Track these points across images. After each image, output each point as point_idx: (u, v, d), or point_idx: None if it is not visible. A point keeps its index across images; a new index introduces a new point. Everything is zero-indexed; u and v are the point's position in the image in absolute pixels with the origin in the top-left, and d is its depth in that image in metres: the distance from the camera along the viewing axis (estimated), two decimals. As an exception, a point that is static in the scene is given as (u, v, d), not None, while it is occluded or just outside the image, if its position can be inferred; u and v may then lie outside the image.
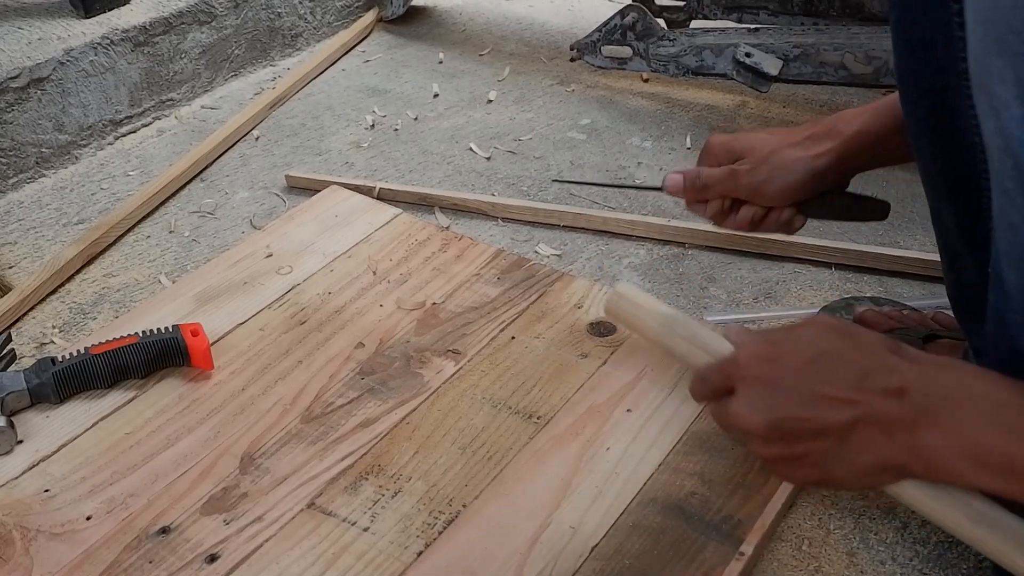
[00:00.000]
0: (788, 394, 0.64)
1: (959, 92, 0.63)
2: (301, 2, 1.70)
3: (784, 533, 0.83)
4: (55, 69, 1.35)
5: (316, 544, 0.80)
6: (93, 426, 0.91)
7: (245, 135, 1.48)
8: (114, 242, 1.23)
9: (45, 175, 1.37)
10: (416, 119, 1.52)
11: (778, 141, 0.87)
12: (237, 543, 0.80)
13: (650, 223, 1.21)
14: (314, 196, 1.26)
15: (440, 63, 1.70)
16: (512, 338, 1.01)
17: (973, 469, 0.59)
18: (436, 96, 1.59)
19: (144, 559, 0.78)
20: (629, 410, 0.92)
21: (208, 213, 1.30)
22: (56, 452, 0.88)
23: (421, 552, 0.79)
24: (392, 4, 1.80)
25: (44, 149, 1.37)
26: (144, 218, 1.28)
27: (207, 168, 1.40)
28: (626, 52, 1.49)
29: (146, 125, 1.50)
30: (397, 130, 1.49)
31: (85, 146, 1.42)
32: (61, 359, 0.93)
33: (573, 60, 1.55)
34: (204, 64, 1.57)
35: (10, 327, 1.08)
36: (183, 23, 1.51)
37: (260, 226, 1.23)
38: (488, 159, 1.41)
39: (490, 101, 1.57)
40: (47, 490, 0.85)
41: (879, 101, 0.86)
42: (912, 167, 1.30)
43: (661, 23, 1.49)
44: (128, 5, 1.47)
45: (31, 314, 1.12)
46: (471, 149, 1.43)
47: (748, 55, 1.38)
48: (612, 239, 1.22)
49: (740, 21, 1.49)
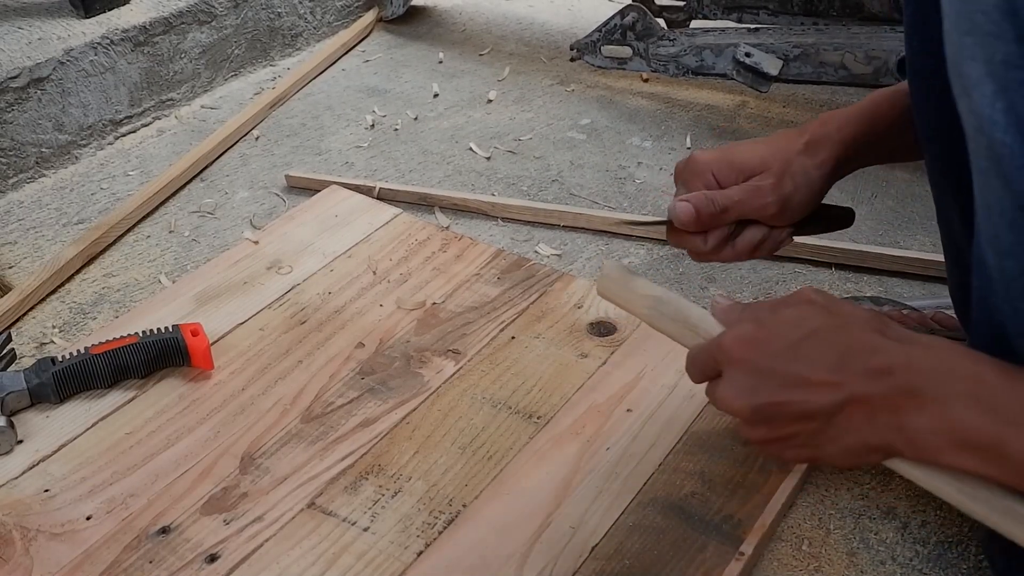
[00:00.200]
0: (771, 378, 0.64)
1: (954, 93, 0.63)
2: (301, 2, 1.70)
3: (784, 533, 0.83)
4: (55, 69, 1.35)
5: (316, 544, 0.80)
6: (93, 426, 0.91)
7: (245, 135, 1.48)
8: (114, 242, 1.23)
9: (45, 175, 1.37)
10: (416, 119, 1.52)
11: (784, 149, 0.81)
12: (237, 543, 0.80)
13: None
14: (314, 196, 1.26)
15: (440, 63, 1.70)
16: (512, 338, 1.01)
17: (958, 451, 0.58)
18: (436, 96, 1.59)
19: (144, 559, 0.78)
20: (629, 410, 0.92)
21: (208, 213, 1.30)
22: (56, 452, 0.88)
23: (421, 552, 0.79)
24: (392, 4, 1.80)
25: (44, 149, 1.37)
26: (144, 218, 1.28)
27: (207, 168, 1.40)
28: (626, 52, 1.49)
29: (146, 125, 1.50)
30: (397, 130, 1.49)
31: (85, 146, 1.42)
32: (61, 359, 0.93)
33: (573, 60, 1.56)
34: (204, 64, 1.57)
35: (10, 327, 1.08)
36: (183, 23, 1.51)
37: (260, 226, 1.23)
38: (488, 159, 1.41)
39: (490, 101, 1.57)
40: (47, 490, 0.85)
41: (863, 104, 0.83)
42: (912, 167, 1.31)
43: (661, 23, 1.49)
44: (128, 5, 1.47)
45: (31, 314, 1.11)
46: (471, 149, 1.43)
47: (748, 55, 1.38)
48: (612, 239, 1.22)
49: (740, 21, 1.49)
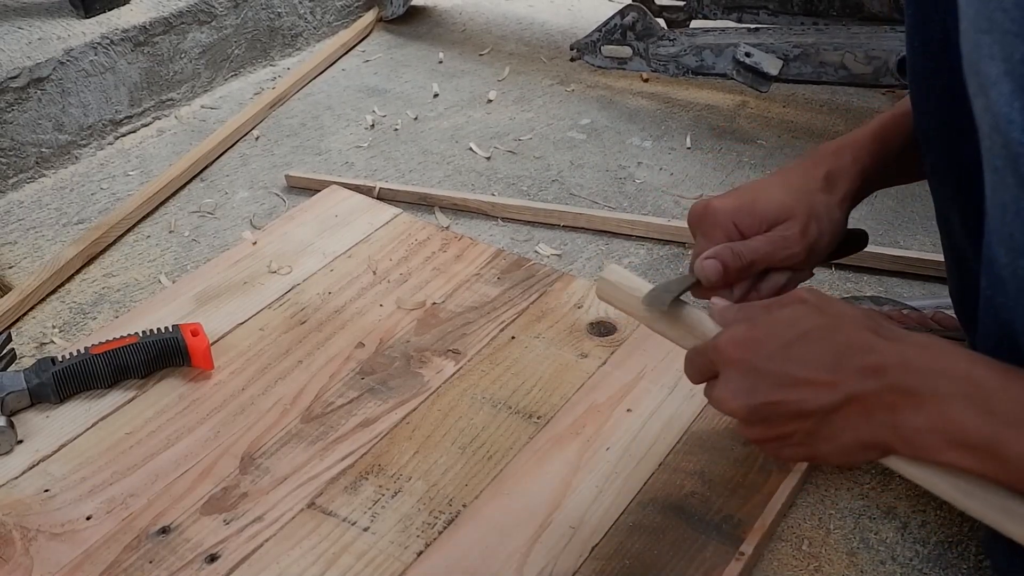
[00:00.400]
0: (766, 378, 0.64)
1: (968, 91, 0.63)
2: (301, 2, 1.70)
3: (784, 533, 0.83)
4: (55, 69, 1.35)
5: (316, 544, 0.80)
6: (93, 426, 0.91)
7: (245, 135, 1.48)
8: (114, 242, 1.23)
9: (45, 175, 1.37)
10: (416, 119, 1.52)
11: (804, 190, 0.77)
12: (237, 543, 0.80)
13: (650, 223, 1.21)
14: (314, 196, 1.26)
15: (440, 63, 1.70)
16: (512, 338, 1.01)
17: (953, 449, 0.58)
18: (436, 96, 1.59)
19: (144, 559, 0.78)
20: (629, 410, 0.92)
21: (208, 213, 1.30)
22: (56, 452, 0.88)
23: (421, 552, 0.79)
24: (392, 4, 1.80)
25: (44, 149, 1.37)
26: (144, 218, 1.28)
27: (207, 168, 1.39)
28: (626, 52, 1.49)
29: (146, 125, 1.50)
30: (397, 130, 1.49)
31: (85, 146, 1.42)
32: (61, 359, 0.93)
33: (573, 60, 1.56)
34: (204, 64, 1.57)
35: (10, 327, 1.08)
36: (183, 23, 1.51)
37: (260, 226, 1.23)
38: (488, 159, 1.41)
39: (490, 101, 1.57)
40: (47, 490, 0.85)
41: (872, 129, 0.82)
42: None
43: (661, 23, 1.49)
44: (128, 5, 1.47)
45: (31, 314, 1.11)
46: (471, 149, 1.43)
47: (748, 55, 1.38)
48: (612, 239, 1.22)
49: (740, 21, 1.49)
